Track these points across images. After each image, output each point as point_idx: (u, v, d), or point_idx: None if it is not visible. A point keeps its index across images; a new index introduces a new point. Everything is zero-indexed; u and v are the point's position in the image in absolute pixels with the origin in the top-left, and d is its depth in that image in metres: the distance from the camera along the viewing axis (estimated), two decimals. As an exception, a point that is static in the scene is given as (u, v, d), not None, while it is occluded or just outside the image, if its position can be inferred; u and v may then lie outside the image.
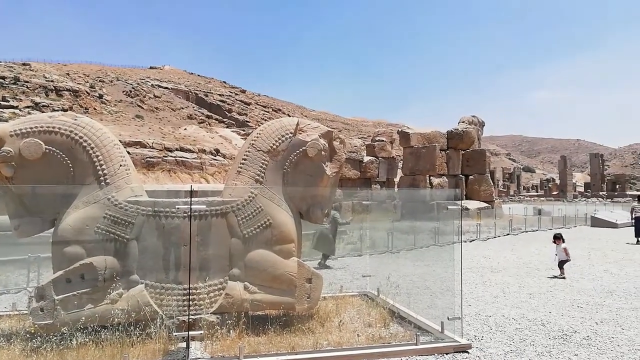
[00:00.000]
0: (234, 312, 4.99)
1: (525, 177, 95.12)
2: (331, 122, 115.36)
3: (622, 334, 5.52)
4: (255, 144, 5.47)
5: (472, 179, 26.50)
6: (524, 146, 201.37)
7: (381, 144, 27.56)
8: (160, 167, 37.89)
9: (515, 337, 5.42)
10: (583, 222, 22.77)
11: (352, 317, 5.86)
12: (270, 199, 5.25)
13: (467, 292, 7.74)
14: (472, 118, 29.21)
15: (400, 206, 22.93)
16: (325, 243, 10.40)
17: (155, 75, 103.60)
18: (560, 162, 65.00)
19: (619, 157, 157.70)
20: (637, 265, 10.62)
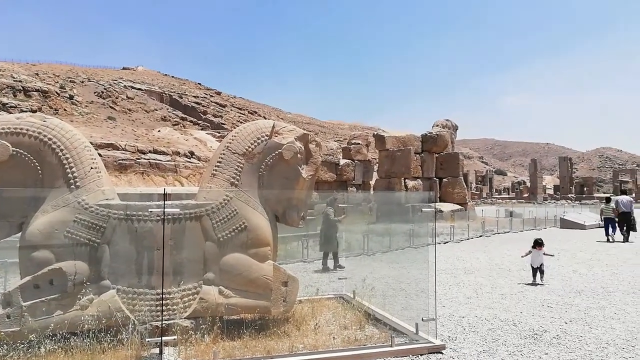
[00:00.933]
0: (209, 317, 4.93)
1: (497, 180, 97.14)
2: (307, 125, 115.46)
3: (590, 333, 5.68)
4: (230, 147, 5.43)
5: (446, 181, 26.91)
6: (496, 149, 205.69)
7: (357, 147, 27.73)
8: (133, 169, 37.20)
9: (488, 337, 5.51)
10: (553, 223, 23.36)
11: (328, 319, 5.87)
12: (245, 202, 5.22)
13: (441, 293, 7.84)
14: (445, 122, 29.69)
15: (376, 209, 23.10)
16: (329, 242, 10.31)
17: (128, 76, 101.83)
18: (531, 166, 66.65)
19: (586, 160, 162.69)
20: (604, 265, 10.95)
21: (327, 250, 10.37)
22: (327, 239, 10.34)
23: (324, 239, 10.37)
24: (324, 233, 10.39)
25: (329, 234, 10.36)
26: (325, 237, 10.35)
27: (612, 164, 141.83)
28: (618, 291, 8.07)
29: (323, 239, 10.39)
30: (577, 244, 15.37)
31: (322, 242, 10.41)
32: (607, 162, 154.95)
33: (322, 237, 10.38)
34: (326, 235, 10.36)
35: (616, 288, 8.33)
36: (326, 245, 10.34)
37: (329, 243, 10.34)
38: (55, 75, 79.14)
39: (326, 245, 10.35)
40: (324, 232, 10.41)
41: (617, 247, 14.57)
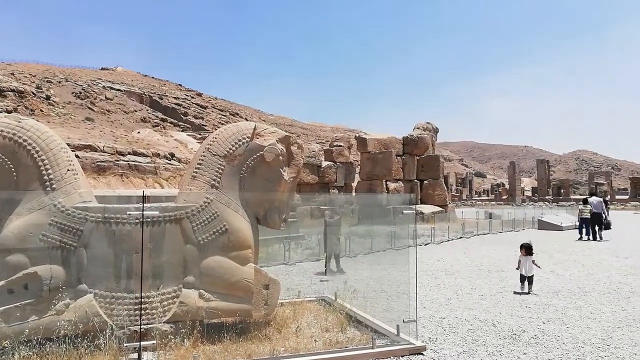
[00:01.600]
0: (189, 321, 4.87)
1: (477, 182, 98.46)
2: (289, 127, 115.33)
3: (567, 332, 5.79)
4: (211, 149, 5.39)
5: (427, 183, 27.15)
6: (475, 152, 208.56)
7: (339, 149, 27.79)
8: (111, 171, 36.61)
9: (468, 337, 5.57)
10: (531, 225, 23.76)
11: (309, 322, 5.85)
12: (226, 205, 5.17)
13: (422, 294, 7.89)
14: (426, 124, 29.97)
15: (358, 211, 23.16)
16: (330, 243, 10.18)
17: (107, 76, 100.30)
18: (510, 168, 67.71)
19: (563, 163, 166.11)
20: (580, 266, 11.18)
21: (329, 252, 10.16)
22: (327, 241, 10.24)
23: (324, 241, 10.35)
24: (323, 235, 10.38)
25: (327, 236, 10.29)
26: (324, 240, 10.32)
27: (588, 167, 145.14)
28: (594, 291, 8.24)
29: (323, 241, 10.38)
30: (555, 245, 15.66)
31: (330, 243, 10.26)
32: (583, 165, 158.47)
33: (329, 239, 10.26)
34: (324, 237, 10.32)
35: (592, 288, 8.51)
36: (326, 248, 10.24)
37: (329, 245, 10.20)
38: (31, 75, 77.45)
39: (325, 247, 10.25)
40: (323, 234, 10.41)
41: (592, 248, 14.88)
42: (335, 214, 10.69)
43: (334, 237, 10.28)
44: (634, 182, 66.43)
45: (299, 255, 12.48)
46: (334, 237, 10.29)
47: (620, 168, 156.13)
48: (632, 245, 15.50)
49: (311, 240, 14.41)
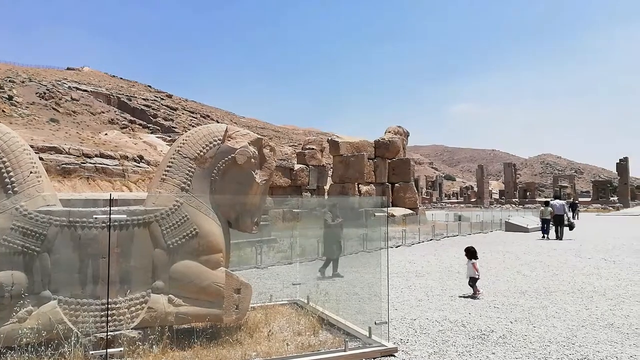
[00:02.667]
0: (158, 327, 4.76)
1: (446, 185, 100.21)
2: (261, 130, 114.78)
3: (534, 332, 5.93)
4: (181, 151, 5.29)
5: (398, 186, 27.46)
6: (445, 156, 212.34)
7: (312, 152, 27.82)
8: (77, 174, 35.59)
9: (438, 338, 5.64)
10: (498, 227, 24.32)
11: (281, 326, 5.81)
12: (196, 208, 5.09)
13: (394, 296, 7.96)
14: (397, 128, 30.33)
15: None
16: (331, 247, 9.74)
17: (73, 76, 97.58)
18: (478, 171, 69.22)
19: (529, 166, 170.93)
20: (546, 267, 11.50)
21: (331, 256, 9.67)
22: (331, 244, 9.77)
23: (328, 246, 9.87)
24: (327, 239, 9.92)
25: (327, 240, 9.91)
26: (329, 244, 9.84)
27: (553, 170, 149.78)
28: (559, 291, 8.48)
29: (327, 246, 9.94)
30: (521, 247, 16.06)
31: (326, 248, 9.98)
32: (547, 168, 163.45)
33: (326, 244, 9.96)
34: (329, 241, 9.84)
35: (557, 288, 8.76)
36: (330, 252, 9.72)
37: (328, 249, 9.81)
38: (-8, 74, 74.64)
39: (330, 251, 9.73)
40: (326, 238, 9.95)
41: (557, 249, 15.33)
42: (337, 217, 10.03)
43: (334, 241, 9.78)
44: (596, 185, 68.87)
45: (271, 258, 12.41)
46: (334, 241, 9.79)
47: (582, 171, 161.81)
48: (594, 246, 16.05)
49: (283, 243, 14.35)
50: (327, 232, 9.93)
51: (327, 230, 9.92)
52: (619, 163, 62.08)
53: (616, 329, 6.05)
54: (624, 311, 6.97)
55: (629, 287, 8.76)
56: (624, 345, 5.38)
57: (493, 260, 12.61)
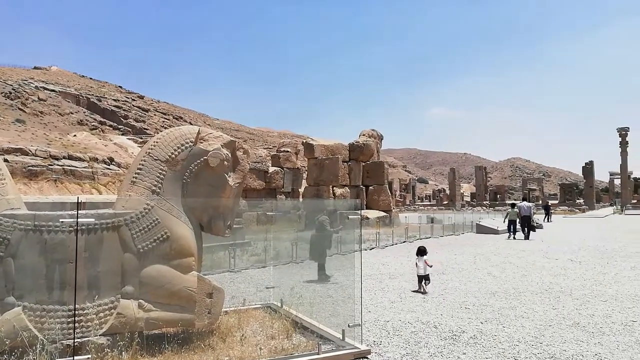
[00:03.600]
0: (127, 332, 4.66)
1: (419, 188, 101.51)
2: (235, 132, 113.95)
3: (503, 332, 6.06)
4: (152, 153, 5.20)
5: (372, 189, 27.65)
6: (418, 159, 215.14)
7: (286, 154, 27.76)
8: (44, 176, 34.53)
9: (411, 340, 5.70)
10: (470, 229, 24.76)
11: (254, 330, 5.77)
12: (168, 211, 5.00)
13: (367, 298, 8.00)
14: (371, 131, 30.57)
15: (305, 216, 23.17)
16: (317, 251, 9.57)
17: (40, 76, 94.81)
18: (450, 174, 70.36)
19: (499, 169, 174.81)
20: (515, 268, 11.76)
21: (317, 260, 9.60)
22: (318, 249, 9.58)
23: (315, 249, 9.65)
24: (316, 243, 9.68)
25: (321, 244, 9.62)
26: (316, 247, 9.62)
27: (522, 173, 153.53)
28: (527, 291, 8.69)
29: (314, 249, 9.68)
30: (491, 248, 16.39)
31: (312, 251, 9.76)
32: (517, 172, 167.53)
33: (313, 247, 9.70)
34: (318, 245, 9.63)
35: (525, 289, 8.96)
36: (316, 256, 9.64)
37: (320, 253, 9.58)
38: (-47, 72, 71.85)
39: (316, 255, 9.64)
40: (315, 241, 9.71)
41: (526, 250, 15.71)
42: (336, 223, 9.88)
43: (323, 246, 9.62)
44: (563, 188, 70.87)
45: (245, 262, 12.31)
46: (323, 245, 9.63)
47: (550, 175, 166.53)
48: (561, 247, 16.51)
49: (257, 246, 14.26)
50: (320, 236, 9.70)
51: (321, 234, 9.70)
52: (585, 167, 64.12)
53: (582, 328, 6.23)
54: (589, 310, 7.18)
55: (593, 287, 9.03)
56: (589, 344, 5.55)
57: (465, 261, 12.82)
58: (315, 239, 9.72)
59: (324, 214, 9.92)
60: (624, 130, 65.79)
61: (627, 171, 66.47)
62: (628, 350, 5.29)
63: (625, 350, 5.29)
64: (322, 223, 9.70)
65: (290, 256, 12.62)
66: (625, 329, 6.13)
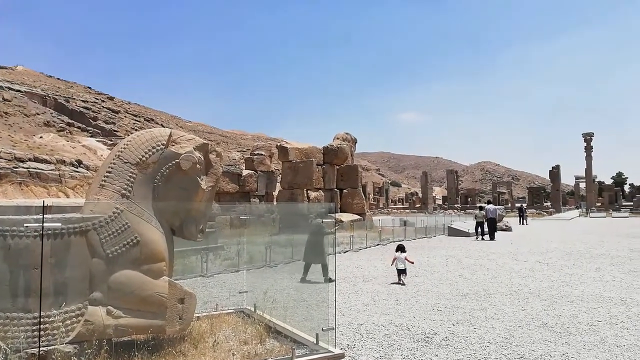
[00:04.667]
0: (95, 340, 4.53)
1: (393, 191, 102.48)
2: (208, 135, 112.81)
3: (474, 333, 6.16)
4: (121, 156, 5.08)
5: (346, 192, 27.77)
6: (391, 162, 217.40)
7: (260, 157, 27.60)
8: (9, 179, 33.37)
9: (384, 342, 5.73)
10: (442, 231, 25.13)
11: (227, 335, 5.70)
12: (138, 215, 4.89)
13: (341, 302, 8.01)
14: (345, 135, 30.71)
15: (279, 220, 23.08)
16: (313, 253, 9.89)
17: (5, 75, 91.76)
18: (422, 178, 71.34)
19: (470, 173, 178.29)
20: (485, 270, 11.98)
21: (314, 262, 9.86)
22: (316, 250, 9.87)
23: (311, 250, 9.93)
24: (313, 244, 9.97)
25: (320, 246, 9.92)
26: (313, 249, 9.91)
27: (492, 177, 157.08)
28: (497, 293, 8.86)
29: (310, 250, 9.96)
30: (462, 251, 16.67)
31: (308, 253, 9.97)
32: (487, 175, 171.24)
33: (309, 249, 9.98)
34: (315, 246, 9.91)
35: (496, 290, 9.14)
36: (313, 257, 9.86)
37: (319, 255, 9.84)
38: None
39: (313, 257, 9.87)
40: (312, 243, 9.98)
41: (496, 252, 16.03)
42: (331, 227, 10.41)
43: (322, 247, 9.95)
44: (531, 191, 72.75)
45: (218, 266, 12.17)
46: (322, 246, 9.96)
47: (519, 178, 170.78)
48: (529, 249, 16.93)
49: (230, 250, 14.12)
50: (316, 238, 10.01)
51: (318, 236, 10.01)
52: (552, 170, 66.01)
53: (549, 328, 6.38)
54: (557, 311, 7.37)
55: (561, 288, 9.28)
56: (556, 344, 5.69)
57: (437, 264, 13.00)
58: (313, 241, 9.97)
59: (317, 217, 10.62)
60: (589, 135, 68.09)
61: (591, 175, 68.77)
62: (594, 349, 5.45)
63: (591, 349, 5.45)
64: (319, 226, 10.13)
65: (264, 260, 12.54)
66: (590, 329, 6.31)
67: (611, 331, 6.19)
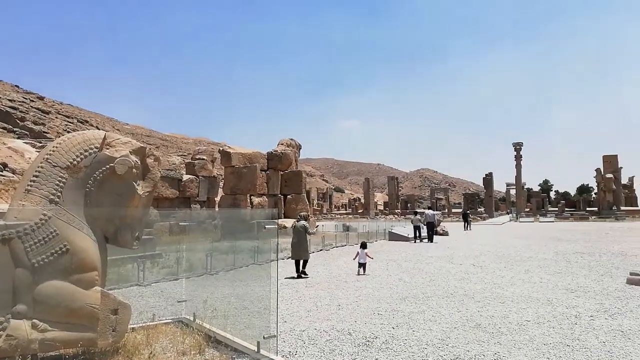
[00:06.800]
0: (18, 356, 4.21)
1: (336, 197, 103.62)
2: (147, 138, 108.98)
3: (413, 335, 6.32)
4: (50, 159, 4.78)
5: (290, 198, 27.75)
6: (335, 168, 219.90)
7: (202, 162, 27.01)
8: None
9: (326, 348, 5.74)
10: (383, 236, 25.67)
11: (164, 347, 5.49)
12: (68, 222, 4.62)
13: (284, 308, 7.96)
14: (290, 141, 30.73)
15: (221, 226, 22.66)
16: (303, 250, 12.09)
17: None
18: (365, 184, 72.71)
19: (410, 179, 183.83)
20: (424, 273, 12.35)
21: (301, 257, 12.02)
22: (302, 247, 12.10)
23: (299, 248, 12.09)
24: (299, 243, 12.10)
25: (304, 243, 12.15)
26: (299, 247, 12.09)
27: (430, 183, 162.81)
28: (435, 296, 9.15)
29: (297, 248, 12.10)
30: (402, 255, 17.10)
31: (296, 251, 12.10)
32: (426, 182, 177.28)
33: (296, 247, 12.12)
34: (301, 244, 12.10)
35: (433, 293, 9.44)
36: (300, 254, 12.04)
37: (304, 251, 12.14)
38: None
39: (300, 253, 12.05)
40: (298, 242, 12.11)
41: (433, 256, 16.59)
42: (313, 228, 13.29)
43: (306, 245, 12.29)
44: (466, 197, 76.01)
45: (155, 275, 11.73)
46: (306, 245, 12.29)
47: (455, 185, 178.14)
48: (464, 253, 17.66)
49: (169, 258, 13.68)
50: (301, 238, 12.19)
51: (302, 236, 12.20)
52: (485, 178, 69.38)
53: (483, 328, 6.67)
54: (490, 312, 7.72)
55: (493, 290, 9.74)
56: (489, 343, 5.95)
57: (378, 268, 13.24)
58: (298, 241, 12.13)
59: (301, 220, 12.80)
60: (519, 145, 72.27)
61: (521, 182, 72.93)
62: (523, 348, 5.75)
63: (521, 348, 5.75)
64: (304, 227, 12.33)
65: (204, 268, 12.25)
66: (520, 328, 6.66)
67: (539, 330, 6.56)
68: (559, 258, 15.51)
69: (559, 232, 30.85)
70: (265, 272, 10.05)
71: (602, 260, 14.82)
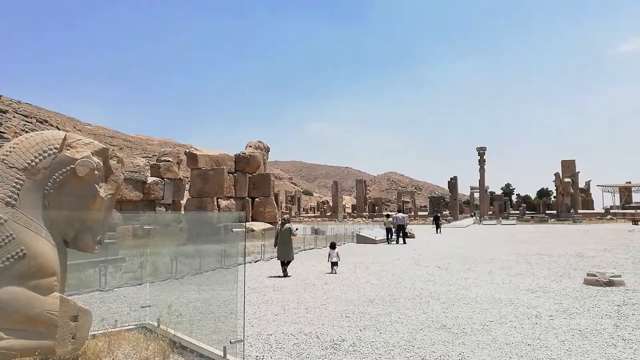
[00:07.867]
0: (-31, 367, 4.01)
1: (305, 200, 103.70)
2: (110, 139, 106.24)
3: (380, 337, 6.37)
4: (7, 160, 4.58)
5: (258, 201, 27.56)
6: (303, 171, 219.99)
7: (167, 164, 26.48)
8: None
9: (293, 352, 5.72)
10: (351, 239, 25.84)
11: (127, 353, 5.34)
12: (25, 225, 4.43)
13: (251, 312, 7.89)
14: (258, 143, 30.56)
15: (187, 229, 22.25)
16: (289, 251, 13.13)
17: None
18: (333, 187, 73.04)
19: (377, 183, 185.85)
20: (391, 275, 12.49)
21: (286, 258, 12.98)
22: (287, 248, 13.14)
23: (284, 249, 13.08)
24: (285, 245, 13.14)
25: (288, 244, 13.22)
26: (285, 248, 13.10)
27: (397, 187, 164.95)
28: (402, 298, 9.27)
29: (283, 249, 13.07)
30: (370, 257, 17.26)
31: (282, 252, 13.05)
32: (393, 185, 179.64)
33: (282, 248, 13.09)
34: (287, 245, 13.15)
35: (400, 295, 9.56)
36: (286, 254, 13.03)
37: (289, 251, 13.17)
38: None
39: (286, 254, 13.03)
40: (284, 244, 13.14)
41: (401, 259, 16.80)
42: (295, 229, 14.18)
43: (290, 246, 13.36)
44: (431, 200, 77.43)
45: (118, 280, 11.42)
46: (290, 246, 13.35)
47: (421, 188, 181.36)
48: (430, 255, 17.97)
49: (133, 262, 13.34)
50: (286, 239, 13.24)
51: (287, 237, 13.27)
52: (450, 181, 70.88)
53: (448, 329, 6.79)
54: (454, 313, 7.87)
55: (457, 291, 9.94)
56: (454, 344, 6.06)
57: (346, 271, 13.30)
58: (284, 243, 13.15)
59: (286, 223, 13.70)
60: (482, 149, 74.21)
61: (484, 186, 74.87)
62: (486, 348, 5.89)
63: (484, 348, 5.88)
64: (289, 229, 13.39)
65: (169, 272, 12.00)
66: (484, 329, 6.82)
67: (501, 330, 6.73)
68: (520, 259, 15.97)
69: (520, 234, 31.81)
70: (232, 275, 9.93)
71: (560, 261, 15.36)
